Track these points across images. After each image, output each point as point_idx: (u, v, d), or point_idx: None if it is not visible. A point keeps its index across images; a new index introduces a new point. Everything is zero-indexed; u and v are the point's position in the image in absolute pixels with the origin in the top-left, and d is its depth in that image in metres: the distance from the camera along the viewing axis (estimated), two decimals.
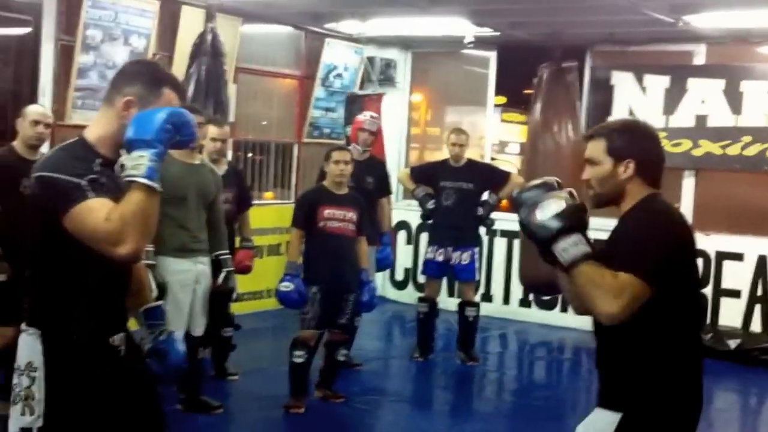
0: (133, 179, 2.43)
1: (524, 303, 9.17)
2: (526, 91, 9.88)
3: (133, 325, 2.88)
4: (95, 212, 2.42)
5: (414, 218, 9.41)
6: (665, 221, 2.69)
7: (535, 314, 9.08)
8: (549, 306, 9.03)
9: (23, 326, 2.64)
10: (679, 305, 2.63)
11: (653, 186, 2.75)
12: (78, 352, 2.59)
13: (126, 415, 2.72)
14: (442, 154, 10.14)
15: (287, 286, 5.51)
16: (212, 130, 5.76)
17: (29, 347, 2.60)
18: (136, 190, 2.42)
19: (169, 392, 4.75)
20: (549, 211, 2.61)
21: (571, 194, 2.67)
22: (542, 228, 2.61)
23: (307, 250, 5.70)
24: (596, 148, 2.75)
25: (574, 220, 2.60)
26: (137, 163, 2.43)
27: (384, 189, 7.03)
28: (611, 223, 2.79)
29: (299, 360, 5.67)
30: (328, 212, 5.69)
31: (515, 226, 8.31)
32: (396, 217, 9.19)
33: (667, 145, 8.37)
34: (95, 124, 2.68)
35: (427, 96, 10.64)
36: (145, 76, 2.63)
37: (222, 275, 5.34)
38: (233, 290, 5.65)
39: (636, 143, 2.75)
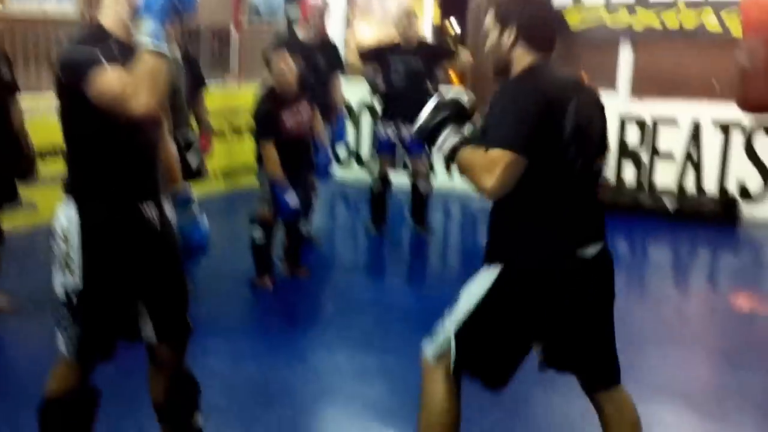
0: (142, 43, 2.66)
1: None
2: None
3: None
4: (111, 74, 2.65)
5: (355, 97, 9.48)
6: (523, 87, 2.69)
7: None
8: None
9: (62, 195, 2.85)
10: (539, 168, 2.64)
11: (541, 54, 2.75)
12: (110, 220, 2.81)
13: (156, 283, 2.93)
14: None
15: (297, 203, 5.57)
16: None
17: (66, 215, 2.82)
18: (144, 53, 2.64)
19: None
20: (421, 118, 2.76)
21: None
22: (420, 133, 2.78)
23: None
24: (489, 18, 2.80)
25: (441, 117, 2.72)
26: (144, 30, 2.66)
27: (336, 67, 7.05)
28: None
29: (259, 237, 5.80)
30: (286, 118, 5.67)
31: None
32: None
33: (606, 17, 8.56)
34: (106, 11, 2.84)
35: None
36: None
37: (192, 156, 5.35)
38: (200, 173, 5.67)
39: (519, 8, 2.75)
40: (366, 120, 9.75)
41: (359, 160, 9.93)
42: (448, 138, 2.72)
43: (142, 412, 3.70)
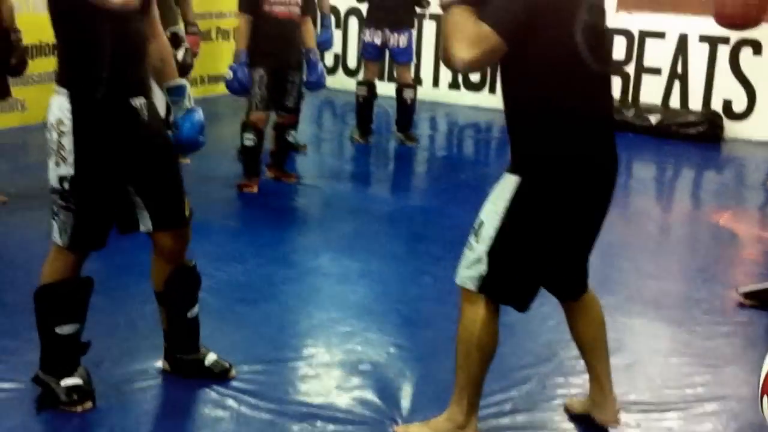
0: None
1: (453, 86, 9.40)
2: None
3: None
4: None
5: (342, 2, 9.39)
6: None
7: (464, 97, 9.34)
8: (477, 88, 9.29)
9: (55, 87, 2.92)
10: (550, 68, 2.64)
11: None
12: (100, 109, 2.91)
13: (146, 170, 3.04)
14: None
15: (230, 74, 5.59)
16: None
17: (58, 105, 2.91)
18: None
19: None
20: None
21: None
22: None
23: (253, 35, 5.66)
24: None
25: None
26: None
27: None
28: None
29: (249, 142, 5.84)
30: None
31: None
32: None
33: None
34: None
35: None
36: None
37: (181, 51, 5.37)
38: (191, 67, 5.71)
39: None
40: (353, 26, 9.68)
41: (346, 68, 9.89)
42: None
43: (133, 308, 3.83)
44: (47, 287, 3.02)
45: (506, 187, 2.76)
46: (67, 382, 3.06)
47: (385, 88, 8.20)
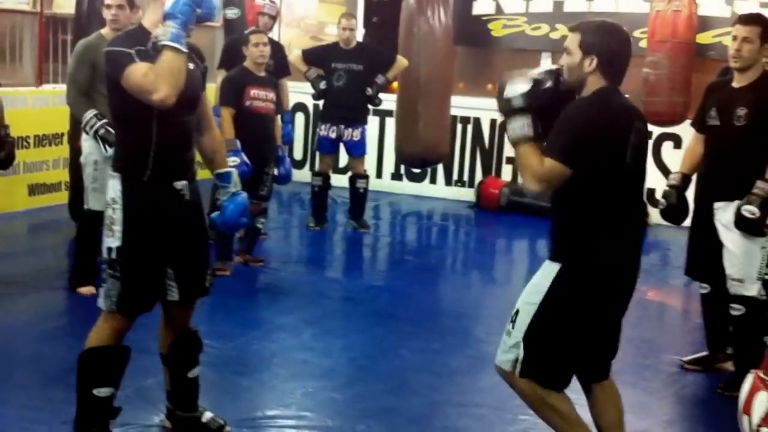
0: (162, 43, 3.14)
1: (396, 177, 9.93)
2: None
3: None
4: (138, 71, 3.15)
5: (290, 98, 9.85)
6: (594, 110, 3.06)
7: (406, 186, 9.87)
8: (419, 179, 9.84)
9: (110, 171, 3.36)
10: (601, 181, 3.04)
11: (612, 82, 3.12)
12: (147, 190, 3.33)
13: (181, 247, 3.42)
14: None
15: (234, 160, 5.81)
16: None
17: (112, 186, 3.35)
18: (164, 51, 3.14)
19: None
20: (513, 90, 3.11)
21: (556, 73, 3.17)
22: (503, 104, 3.14)
23: (235, 128, 6.02)
24: (573, 41, 3.12)
25: (530, 102, 3.08)
26: (165, 31, 3.16)
27: (283, 70, 7.47)
28: None
29: None
30: (254, 92, 6.12)
31: (387, 105, 8.89)
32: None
33: (527, 29, 9.23)
34: (148, 14, 3.35)
35: None
36: None
37: None
38: None
39: (604, 41, 3.08)
40: (299, 121, 10.17)
41: (292, 159, 10.31)
42: (521, 128, 3.08)
43: (136, 382, 4.10)
44: (92, 350, 3.35)
45: (545, 275, 3.16)
46: None
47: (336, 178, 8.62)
